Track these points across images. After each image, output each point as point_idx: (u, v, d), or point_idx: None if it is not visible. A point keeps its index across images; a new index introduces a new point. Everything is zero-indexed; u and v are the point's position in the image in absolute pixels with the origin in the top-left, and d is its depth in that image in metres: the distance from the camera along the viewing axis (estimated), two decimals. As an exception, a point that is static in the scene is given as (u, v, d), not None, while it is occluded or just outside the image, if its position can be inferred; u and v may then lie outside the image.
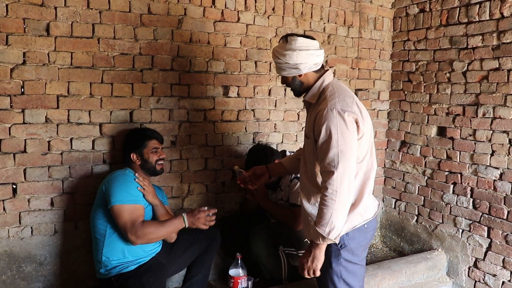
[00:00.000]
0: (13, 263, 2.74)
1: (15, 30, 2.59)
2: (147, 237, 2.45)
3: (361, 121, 2.03)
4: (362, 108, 2.12)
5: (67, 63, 2.74)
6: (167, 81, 3.07)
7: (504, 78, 3.10)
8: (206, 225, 2.56)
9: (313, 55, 2.12)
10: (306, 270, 2.11)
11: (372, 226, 2.23)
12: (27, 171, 2.72)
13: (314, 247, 2.05)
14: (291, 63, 2.11)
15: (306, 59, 2.11)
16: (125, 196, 2.48)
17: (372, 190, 2.23)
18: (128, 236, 2.42)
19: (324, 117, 1.99)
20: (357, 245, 2.16)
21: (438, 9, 3.56)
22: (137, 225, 2.43)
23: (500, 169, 3.16)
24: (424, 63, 3.73)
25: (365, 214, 2.16)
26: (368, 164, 2.15)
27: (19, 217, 2.74)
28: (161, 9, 2.99)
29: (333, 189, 1.93)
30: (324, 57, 2.20)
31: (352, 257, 2.16)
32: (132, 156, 2.68)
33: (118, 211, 2.44)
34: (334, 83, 2.17)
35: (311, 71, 2.17)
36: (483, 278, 3.30)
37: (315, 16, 3.64)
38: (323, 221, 1.96)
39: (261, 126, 3.51)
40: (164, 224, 2.53)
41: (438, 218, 3.65)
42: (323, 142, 1.99)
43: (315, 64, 2.15)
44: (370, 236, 2.25)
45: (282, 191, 3.13)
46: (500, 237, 3.16)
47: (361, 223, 2.14)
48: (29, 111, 2.68)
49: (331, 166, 1.95)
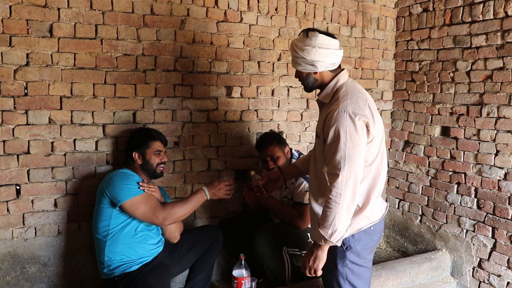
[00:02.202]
0: (17, 264, 2.75)
1: (18, 31, 2.59)
2: (173, 216, 2.50)
3: (372, 125, 1.99)
4: (374, 111, 2.07)
5: (70, 64, 2.75)
6: (170, 81, 3.07)
7: (509, 78, 3.09)
8: (228, 195, 2.60)
9: (331, 54, 2.08)
10: (308, 269, 2.11)
11: (379, 228, 2.21)
12: (31, 172, 2.73)
13: (316, 247, 2.06)
14: (308, 59, 2.07)
15: (324, 57, 2.07)
16: (130, 190, 2.48)
17: (381, 193, 2.23)
18: (154, 221, 2.47)
19: (334, 119, 1.97)
20: (363, 247, 2.14)
21: (441, 9, 3.54)
22: (159, 208, 2.48)
23: (504, 169, 3.14)
24: (428, 63, 3.72)
25: (372, 216, 2.13)
26: (378, 168, 2.11)
27: (23, 218, 2.74)
28: (164, 9, 2.99)
29: (337, 192, 1.93)
30: (342, 57, 2.16)
31: (358, 259, 2.14)
32: (134, 155, 2.67)
33: (131, 205, 2.45)
34: (348, 83, 2.13)
35: (327, 70, 2.13)
36: (487, 279, 3.29)
37: (318, 16, 3.63)
38: (326, 223, 1.96)
39: (264, 126, 3.50)
40: (187, 201, 2.56)
41: (442, 218, 3.64)
42: (331, 143, 1.98)
43: (332, 64, 2.11)
44: (377, 238, 2.22)
45: (287, 189, 3.12)
46: (505, 237, 3.15)
47: (368, 225, 2.12)
48: (33, 112, 2.68)
49: (337, 168, 1.94)
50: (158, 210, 2.47)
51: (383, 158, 2.15)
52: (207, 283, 2.98)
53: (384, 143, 2.18)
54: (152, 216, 2.46)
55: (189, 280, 2.94)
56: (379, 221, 2.17)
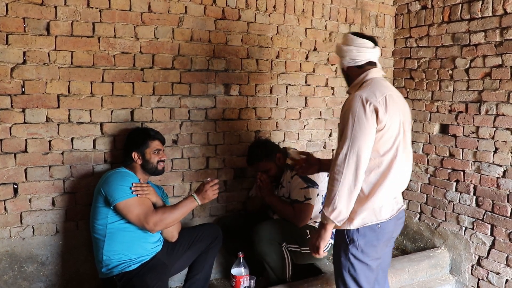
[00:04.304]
0: (15, 263, 2.74)
1: (15, 29, 2.58)
2: (163, 222, 2.50)
3: (383, 113, 2.02)
4: (393, 104, 2.10)
5: (68, 62, 2.73)
6: (168, 79, 3.06)
7: (507, 75, 3.08)
8: (215, 194, 2.60)
9: (352, 51, 2.22)
10: (311, 247, 2.23)
11: (388, 228, 2.19)
12: (28, 171, 2.72)
13: (321, 226, 2.15)
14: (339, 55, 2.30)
15: (346, 53, 2.24)
16: (126, 191, 2.48)
17: (396, 193, 2.22)
18: (145, 226, 2.47)
19: (349, 103, 2.08)
20: (367, 244, 2.14)
21: (440, 6, 3.54)
22: (151, 213, 2.48)
23: (503, 166, 3.14)
24: (426, 60, 3.71)
25: (380, 213, 2.14)
26: (391, 163, 2.11)
27: (21, 217, 2.73)
28: (161, 7, 2.98)
29: (339, 170, 2.02)
30: (371, 54, 2.24)
31: (361, 255, 2.15)
32: (133, 155, 2.66)
33: (124, 207, 2.46)
34: (377, 79, 2.19)
35: (353, 66, 2.24)
36: (486, 276, 3.29)
37: (316, 14, 3.62)
38: (328, 201, 2.06)
39: (262, 124, 3.49)
40: (177, 207, 2.55)
41: (441, 216, 3.64)
42: (342, 125, 2.09)
43: (352, 60, 2.23)
44: (385, 238, 2.19)
45: (283, 188, 3.13)
46: (504, 235, 3.14)
47: (374, 223, 2.12)
48: (30, 110, 2.67)
49: (341, 147, 2.04)
50: (150, 215, 2.48)
51: (399, 155, 2.13)
52: (206, 282, 2.97)
53: (405, 142, 2.17)
54: (144, 221, 2.47)
55: (188, 279, 2.93)
56: (387, 221, 2.16)
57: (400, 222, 2.31)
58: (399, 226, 2.32)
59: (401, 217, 2.31)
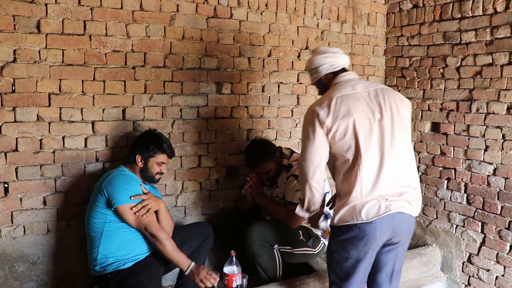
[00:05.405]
0: (6, 263, 2.72)
1: (5, 27, 2.56)
2: (161, 243, 2.52)
3: (325, 115, 2.09)
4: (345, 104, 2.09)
5: (59, 61, 2.72)
6: (159, 78, 3.05)
7: (498, 74, 3.10)
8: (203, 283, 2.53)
9: (329, 57, 2.33)
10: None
11: (371, 231, 2.07)
12: (19, 170, 2.70)
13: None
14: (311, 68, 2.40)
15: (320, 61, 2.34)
16: (129, 196, 2.50)
17: (382, 193, 2.07)
18: (142, 232, 2.54)
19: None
20: (345, 240, 2.12)
21: (431, 5, 3.55)
22: (156, 226, 2.54)
23: (493, 164, 3.17)
24: (418, 59, 3.73)
25: (360, 214, 2.06)
26: (357, 163, 2.06)
27: (11, 216, 2.72)
28: (153, 5, 2.97)
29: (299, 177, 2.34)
30: (346, 60, 2.35)
31: (341, 251, 2.16)
32: (137, 157, 2.65)
33: (126, 211, 2.48)
34: (343, 83, 2.24)
35: (330, 73, 2.33)
36: (477, 273, 3.32)
37: (308, 12, 3.62)
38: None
39: (254, 123, 3.49)
40: (175, 251, 2.55)
41: (432, 214, 3.66)
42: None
43: (331, 66, 2.32)
44: (370, 240, 2.09)
45: (278, 188, 3.13)
46: (494, 232, 3.17)
47: (351, 222, 2.09)
48: (20, 109, 2.65)
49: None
50: (156, 227, 2.53)
51: (367, 153, 2.06)
52: (198, 281, 2.97)
53: (392, 140, 2.10)
54: (143, 229, 2.53)
55: (181, 277, 2.93)
56: (370, 222, 2.06)
57: (402, 227, 2.16)
58: (399, 231, 2.16)
59: (401, 221, 2.13)
